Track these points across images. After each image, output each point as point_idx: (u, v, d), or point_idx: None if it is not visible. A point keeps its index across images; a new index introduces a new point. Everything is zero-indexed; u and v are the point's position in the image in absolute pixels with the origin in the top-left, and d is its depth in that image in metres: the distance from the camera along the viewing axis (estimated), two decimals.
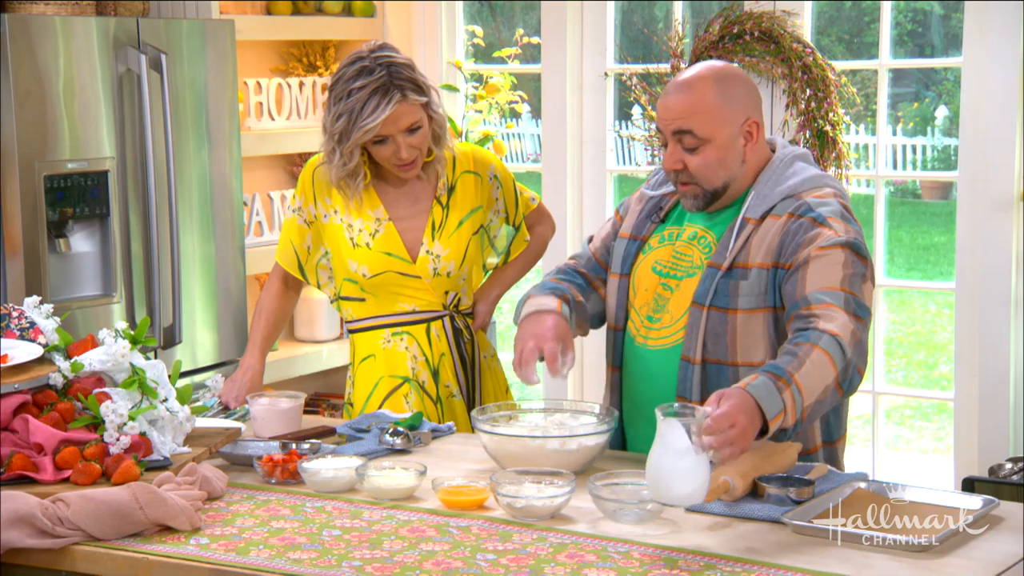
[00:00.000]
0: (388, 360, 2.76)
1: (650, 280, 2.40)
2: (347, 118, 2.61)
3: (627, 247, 2.44)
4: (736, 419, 1.99)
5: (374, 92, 2.59)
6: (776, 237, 2.28)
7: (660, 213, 2.43)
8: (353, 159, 2.66)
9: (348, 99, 2.61)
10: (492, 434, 2.30)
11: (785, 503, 2.07)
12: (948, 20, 9.91)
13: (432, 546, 1.96)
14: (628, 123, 4.73)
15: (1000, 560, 1.83)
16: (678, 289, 2.35)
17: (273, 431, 2.53)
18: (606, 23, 4.38)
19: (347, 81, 2.62)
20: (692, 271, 2.36)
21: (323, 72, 4.65)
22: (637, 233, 2.44)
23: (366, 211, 2.73)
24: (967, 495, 2.11)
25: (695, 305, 2.32)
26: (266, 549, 1.96)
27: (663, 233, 2.42)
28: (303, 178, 2.79)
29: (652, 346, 2.38)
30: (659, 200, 2.45)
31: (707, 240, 2.36)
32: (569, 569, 1.86)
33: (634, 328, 2.41)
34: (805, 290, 2.19)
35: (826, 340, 2.11)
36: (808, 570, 1.82)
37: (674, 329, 2.35)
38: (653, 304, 2.38)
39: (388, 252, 2.72)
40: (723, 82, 2.30)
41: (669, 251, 2.41)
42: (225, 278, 3.97)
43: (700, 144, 2.28)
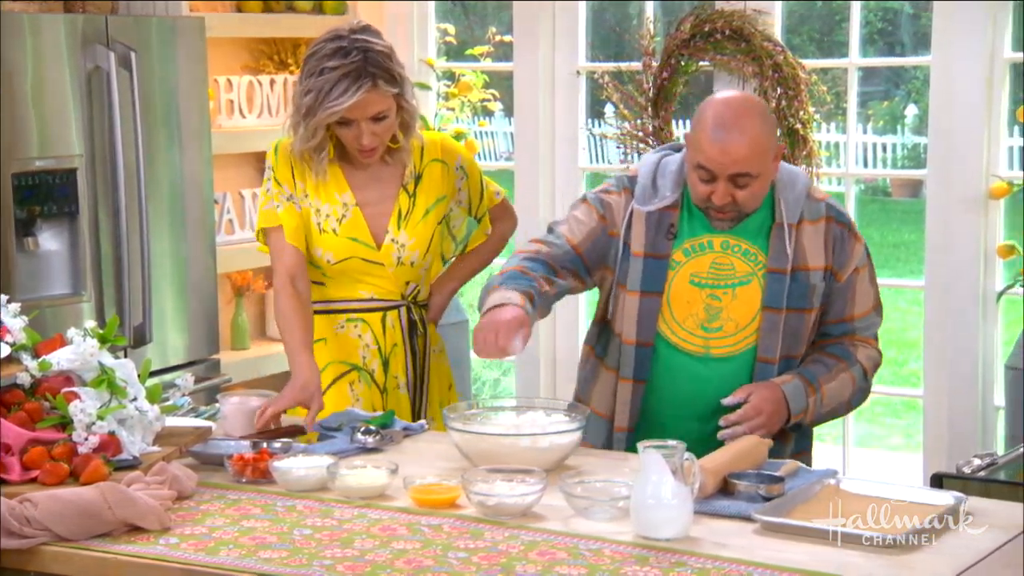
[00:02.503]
0: (339, 346, 2.73)
1: (692, 293, 2.45)
2: (315, 95, 2.58)
3: (648, 265, 2.46)
4: (763, 408, 2.39)
5: (346, 75, 2.56)
6: (825, 243, 2.47)
7: (672, 229, 2.46)
8: (316, 136, 2.64)
9: (319, 76, 2.58)
10: (464, 432, 2.30)
11: (756, 500, 2.07)
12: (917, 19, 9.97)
13: (403, 544, 1.96)
14: (600, 121, 4.74)
15: (967, 555, 1.84)
16: (735, 298, 2.44)
17: (244, 430, 2.51)
18: (578, 21, 4.38)
19: (322, 58, 2.59)
20: (745, 278, 2.44)
21: (294, 70, 4.63)
22: (655, 251, 2.46)
23: (334, 195, 2.70)
24: (936, 491, 2.13)
25: (769, 310, 2.43)
26: (236, 548, 1.95)
27: (684, 247, 2.46)
28: (281, 165, 2.71)
29: (718, 354, 2.45)
30: (660, 215, 2.46)
31: (742, 248, 2.45)
32: (540, 567, 1.86)
33: (682, 340, 2.45)
34: (853, 313, 2.52)
35: (857, 368, 2.51)
36: (778, 566, 1.83)
37: (742, 336, 2.45)
38: (706, 315, 2.44)
39: (354, 238, 2.70)
40: (763, 116, 2.42)
41: (705, 263, 2.45)
42: (196, 277, 3.95)
43: (752, 180, 2.38)
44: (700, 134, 2.39)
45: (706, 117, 2.39)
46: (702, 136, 2.38)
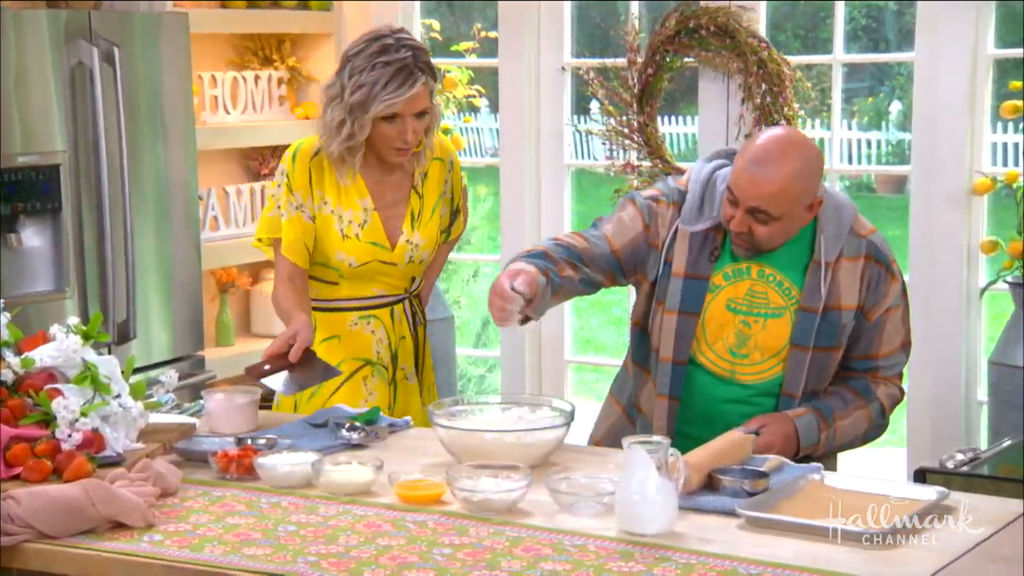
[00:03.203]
0: (353, 342, 2.78)
1: (726, 317, 2.47)
2: (368, 90, 2.61)
3: (688, 286, 2.46)
4: (774, 443, 2.38)
5: (400, 70, 2.61)
6: (860, 283, 2.46)
7: (715, 252, 2.47)
8: (363, 132, 2.66)
9: (371, 72, 2.62)
10: (449, 428, 2.30)
11: (740, 495, 2.08)
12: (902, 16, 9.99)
13: (388, 541, 1.96)
14: (586, 117, 4.74)
15: (950, 549, 1.85)
16: (764, 329, 2.45)
17: (228, 427, 2.51)
18: (563, 18, 4.38)
19: (371, 55, 2.62)
20: (777, 311, 2.45)
21: (278, 66, 4.62)
22: (696, 272, 2.46)
23: (355, 201, 2.74)
24: (919, 486, 2.13)
25: (797, 347, 2.44)
26: (220, 545, 1.95)
27: (725, 271, 2.47)
28: (298, 172, 2.72)
29: (743, 380, 2.47)
30: (704, 236, 2.47)
31: (777, 279, 2.46)
32: (525, 562, 1.86)
33: (711, 362, 2.48)
34: (879, 351, 2.51)
35: (875, 406, 2.51)
36: (762, 561, 1.83)
37: (768, 365, 2.47)
38: (735, 340, 2.47)
39: (374, 242, 2.75)
40: (805, 161, 2.39)
41: (742, 289, 2.46)
42: (180, 273, 3.94)
43: (771, 220, 2.38)
44: (740, 158, 2.41)
45: (752, 143, 2.42)
46: (740, 160, 2.41)
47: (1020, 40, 4.95)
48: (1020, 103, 3.69)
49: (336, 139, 2.67)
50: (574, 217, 4.57)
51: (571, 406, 2.39)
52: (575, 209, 4.59)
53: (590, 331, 7.81)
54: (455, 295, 5.47)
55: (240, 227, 4.47)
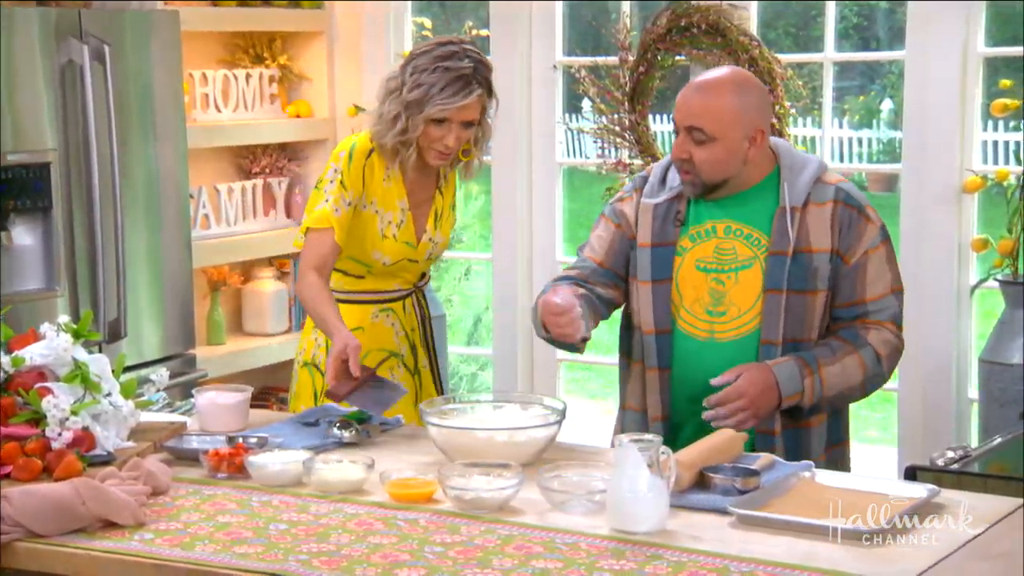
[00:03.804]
0: (376, 334, 2.83)
1: (697, 277, 2.47)
2: (425, 90, 2.69)
3: (657, 254, 2.49)
4: (747, 391, 2.34)
5: (459, 78, 2.68)
6: (832, 225, 2.44)
7: (679, 216, 2.49)
8: (415, 131, 2.71)
9: (432, 74, 2.68)
10: (440, 427, 2.30)
11: (731, 493, 2.08)
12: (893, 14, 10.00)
13: (380, 539, 1.96)
14: (577, 116, 4.74)
15: (940, 547, 1.85)
16: (737, 282, 2.45)
17: (219, 425, 2.50)
18: (555, 16, 4.38)
19: (436, 58, 2.70)
20: (746, 262, 2.45)
21: (270, 64, 4.61)
22: (663, 240, 2.49)
23: (395, 202, 2.80)
24: (909, 484, 2.14)
25: (771, 292, 2.42)
26: (211, 544, 1.94)
27: (690, 233, 2.49)
28: (353, 171, 2.74)
29: (721, 338, 2.46)
30: (667, 205, 2.50)
31: (744, 232, 2.47)
32: (517, 560, 1.86)
33: (690, 326, 2.47)
34: (865, 296, 2.44)
35: (866, 351, 2.42)
36: (753, 559, 1.84)
37: (745, 320, 2.45)
38: (710, 299, 2.46)
39: (406, 241, 2.82)
40: (740, 88, 2.44)
41: (709, 248, 2.48)
42: (171, 271, 3.94)
43: (708, 141, 2.41)
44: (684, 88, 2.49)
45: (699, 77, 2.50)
46: (684, 90, 2.47)
47: (1010, 39, 4.96)
48: (1010, 101, 3.70)
49: (391, 132, 2.74)
50: (565, 215, 4.57)
51: (563, 404, 2.39)
52: (567, 207, 4.59)
53: None
54: (447, 293, 5.46)
55: (231, 225, 4.47)
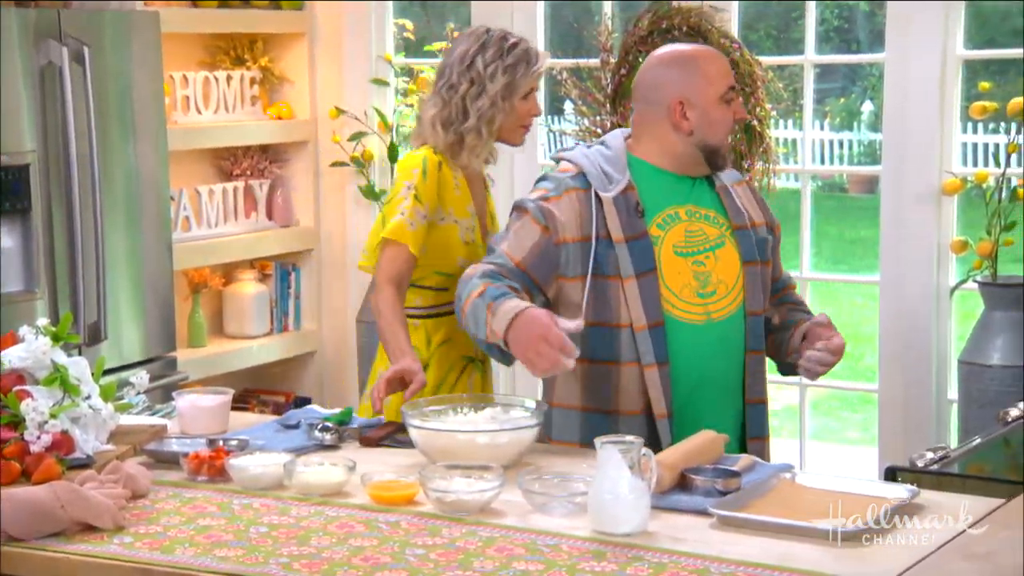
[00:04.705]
0: (462, 342, 2.82)
1: (679, 263, 2.46)
2: (511, 74, 2.77)
3: (634, 248, 2.42)
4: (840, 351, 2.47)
5: (527, 51, 2.81)
6: (755, 200, 2.59)
7: (639, 207, 2.45)
8: (509, 114, 2.80)
9: (507, 57, 2.78)
10: (422, 429, 2.30)
11: (712, 494, 2.08)
12: (873, 17, 10.04)
13: (361, 542, 1.95)
14: (559, 118, 4.74)
15: (920, 547, 1.86)
16: (718, 261, 2.47)
17: (200, 428, 2.49)
18: (536, 18, 4.39)
19: (498, 41, 2.80)
20: (719, 241, 2.48)
21: (251, 65, 4.60)
22: (634, 232, 2.43)
23: (466, 208, 2.84)
24: (889, 484, 2.14)
25: (749, 264, 2.48)
26: (191, 547, 1.93)
27: (656, 222, 2.47)
28: (429, 185, 2.76)
29: (718, 317, 2.45)
30: (625, 198, 2.45)
31: (702, 214, 2.50)
32: (498, 563, 1.86)
33: (685, 313, 2.45)
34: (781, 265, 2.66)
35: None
36: (733, 560, 1.84)
37: (732, 296, 2.47)
38: (697, 283, 2.46)
39: (481, 245, 2.86)
40: None
41: (679, 233, 2.47)
42: (152, 274, 3.92)
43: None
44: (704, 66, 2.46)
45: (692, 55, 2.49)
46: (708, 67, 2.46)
47: (988, 41, 4.98)
48: (988, 104, 3.73)
49: (489, 129, 2.81)
50: None
51: (544, 406, 2.38)
52: None
53: None
54: None
55: (212, 227, 4.45)
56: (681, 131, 2.45)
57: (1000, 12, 5.98)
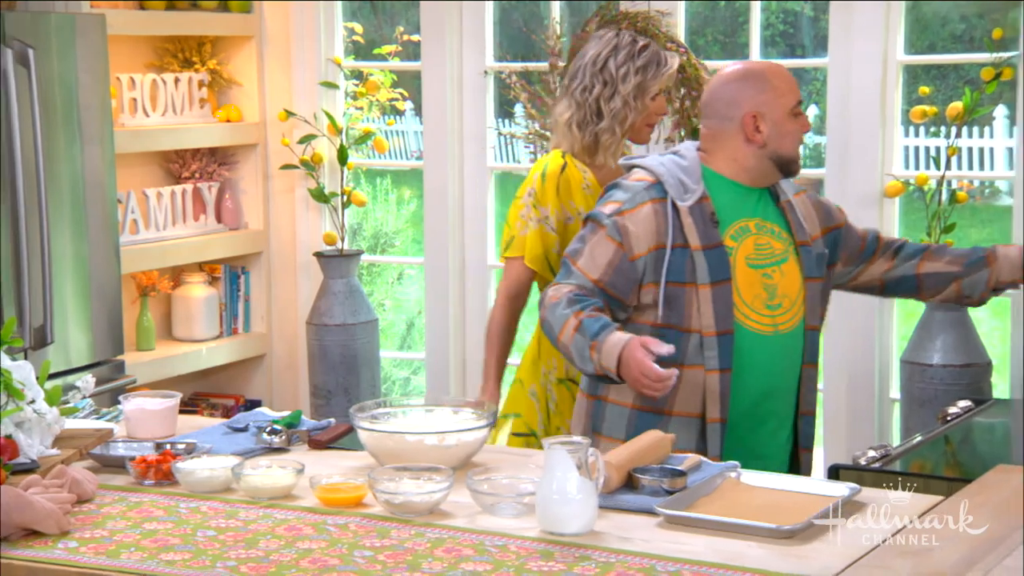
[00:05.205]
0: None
1: (751, 275, 2.51)
2: (642, 75, 2.87)
3: (711, 256, 2.47)
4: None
5: (656, 52, 2.91)
6: (813, 211, 2.62)
7: (714, 217, 2.50)
8: (642, 113, 2.90)
9: (637, 59, 2.88)
10: (371, 431, 2.29)
11: (659, 493, 2.10)
12: (817, 22, 10.14)
13: (309, 544, 1.94)
14: (510, 121, 4.75)
15: (861, 544, 1.88)
16: (784, 275, 2.52)
17: (147, 432, 2.47)
18: (485, 21, 4.39)
19: (628, 44, 2.90)
20: (784, 256, 2.54)
21: (199, 68, 4.57)
22: (710, 242, 2.48)
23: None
24: (831, 483, 2.17)
25: (810, 280, 2.55)
26: (138, 551, 1.92)
27: (729, 232, 2.52)
28: (547, 188, 2.88)
29: (784, 329, 2.51)
30: (700, 208, 2.49)
31: (767, 227, 2.55)
32: (447, 563, 1.86)
33: (754, 323, 2.49)
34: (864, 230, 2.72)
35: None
36: (679, 558, 1.85)
37: (795, 310, 2.53)
38: (766, 294, 2.51)
39: None
40: None
41: (750, 246, 2.52)
42: (99, 277, 3.88)
43: None
44: (775, 81, 2.52)
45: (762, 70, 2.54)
46: (778, 82, 2.53)
47: (928, 47, 5.05)
48: (928, 108, 3.78)
49: (622, 128, 2.89)
50: (497, 219, 4.58)
51: (494, 407, 2.39)
52: (498, 211, 4.59)
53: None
54: (379, 298, 5.44)
55: (161, 230, 4.41)
56: (754, 144, 2.52)
57: (939, 19, 6.07)
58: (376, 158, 4.82)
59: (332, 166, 4.58)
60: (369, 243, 5.40)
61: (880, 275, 2.68)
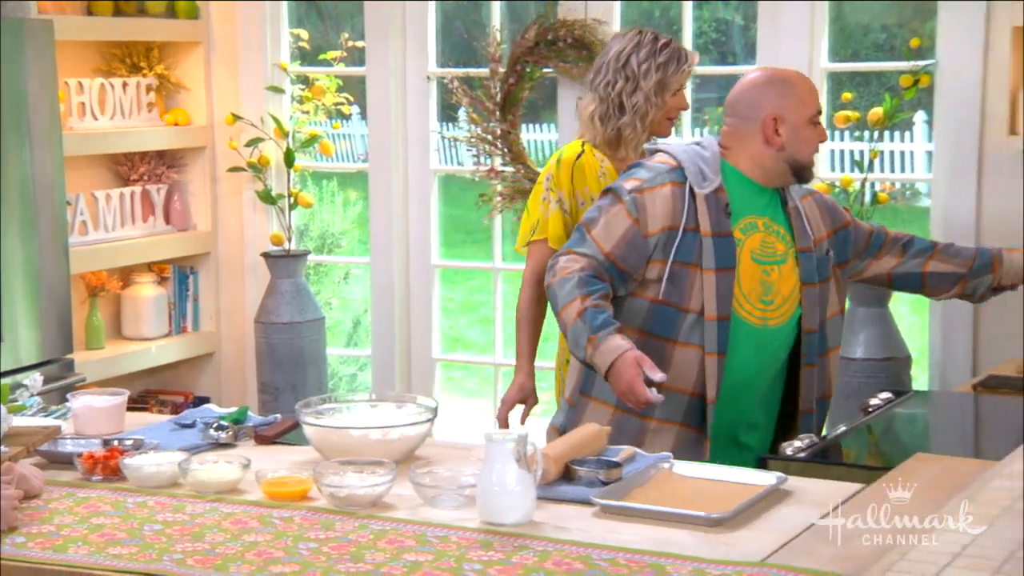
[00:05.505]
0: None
1: (752, 268, 2.53)
2: (663, 72, 2.87)
3: (718, 244, 2.49)
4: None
5: (677, 49, 2.92)
6: (820, 213, 2.64)
7: (727, 208, 2.53)
8: (661, 108, 2.92)
9: (659, 56, 2.88)
10: (315, 426, 2.27)
11: (595, 484, 2.10)
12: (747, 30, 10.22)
13: (255, 537, 1.92)
14: (452, 124, 4.73)
15: (788, 530, 1.89)
16: (780, 275, 2.55)
17: (95, 429, 2.43)
18: (427, 28, 4.38)
19: (651, 41, 2.90)
20: (783, 257, 2.56)
21: (147, 73, 4.51)
22: (721, 230, 2.51)
23: None
24: (760, 472, 2.18)
25: (807, 286, 2.57)
26: (85, 546, 1.88)
27: (740, 225, 2.54)
28: (562, 174, 2.91)
29: (773, 324, 2.54)
30: (716, 197, 2.52)
31: (773, 228, 2.58)
32: (389, 554, 1.84)
33: (748, 313, 2.52)
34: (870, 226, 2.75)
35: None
36: (613, 546, 1.85)
37: (786, 308, 2.55)
38: (761, 289, 2.53)
39: None
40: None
41: (757, 241, 2.55)
42: (49, 277, 3.81)
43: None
44: (799, 90, 2.55)
45: (788, 78, 2.56)
46: (802, 91, 2.55)
47: (851, 55, 5.12)
48: (851, 113, 3.82)
49: (643, 123, 2.90)
50: (441, 220, 4.57)
51: (435, 403, 2.38)
52: (442, 212, 4.58)
53: (458, 330, 7.81)
54: (326, 296, 5.40)
55: (110, 231, 4.35)
56: (772, 146, 2.54)
57: (862, 28, 6.15)
58: (323, 161, 4.78)
59: (279, 169, 4.54)
60: (316, 243, 5.36)
61: (888, 270, 2.73)
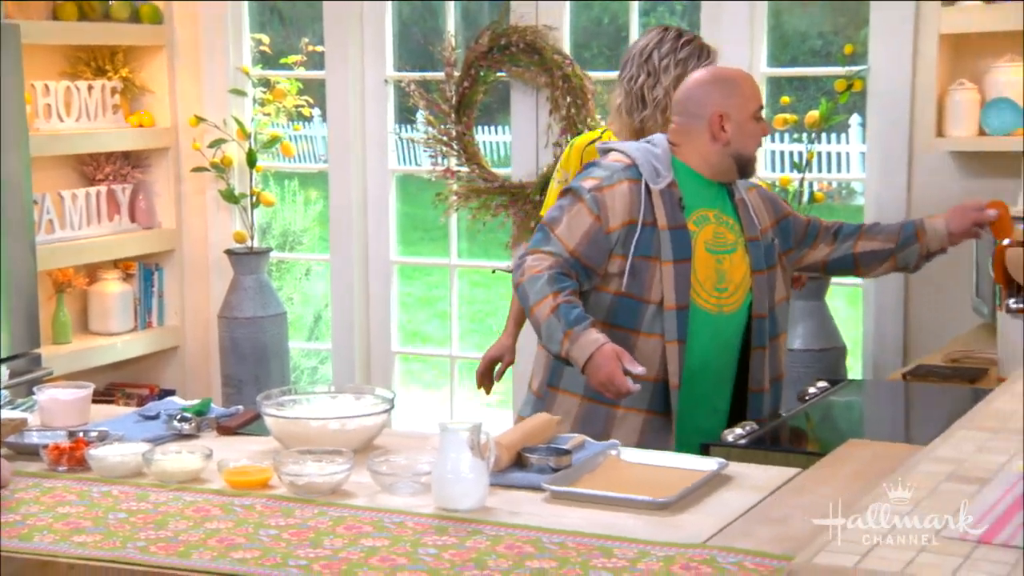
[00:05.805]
0: None
1: (707, 259, 2.56)
2: (683, 66, 2.84)
3: (675, 237, 2.53)
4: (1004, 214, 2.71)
5: (700, 46, 2.91)
6: (763, 204, 2.68)
7: (681, 202, 2.55)
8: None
9: (680, 52, 2.87)
10: (276, 417, 2.26)
11: (546, 471, 2.11)
12: None
13: (217, 524, 1.91)
14: (410, 126, 4.73)
15: (727, 513, 1.91)
16: (732, 264, 2.58)
17: (61, 421, 2.41)
18: (385, 33, 4.37)
19: (673, 37, 2.89)
20: (733, 247, 2.59)
21: (111, 76, 4.47)
22: (676, 223, 2.54)
23: None
24: (704, 458, 2.20)
25: (757, 273, 2.60)
26: (50, 534, 1.87)
27: (693, 218, 2.57)
28: (572, 158, 2.94)
29: (727, 311, 2.58)
30: (670, 192, 2.55)
31: (723, 219, 2.61)
32: (347, 540, 1.84)
33: (704, 301, 2.55)
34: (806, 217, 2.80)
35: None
36: (562, 530, 1.86)
37: (738, 295, 2.59)
38: (715, 277, 2.56)
39: None
40: None
41: (709, 232, 2.58)
42: (16, 273, 3.77)
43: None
44: (743, 87, 2.58)
45: (732, 76, 2.60)
46: (745, 88, 2.58)
47: (791, 60, 5.16)
48: (789, 116, 3.86)
49: (663, 116, 2.85)
50: (399, 218, 4.57)
51: (392, 394, 2.38)
52: (400, 210, 4.58)
53: (416, 324, 7.80)
54: (288, 292, 5.38)
55: (76, 230, 4.31)
56: (719, 141, 2.57)
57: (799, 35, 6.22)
58: (284, 161, 4.76)
59: (241, 169, 4.51)
60: (278, 241, 5.33)
61: (823, 258, 2.77)
